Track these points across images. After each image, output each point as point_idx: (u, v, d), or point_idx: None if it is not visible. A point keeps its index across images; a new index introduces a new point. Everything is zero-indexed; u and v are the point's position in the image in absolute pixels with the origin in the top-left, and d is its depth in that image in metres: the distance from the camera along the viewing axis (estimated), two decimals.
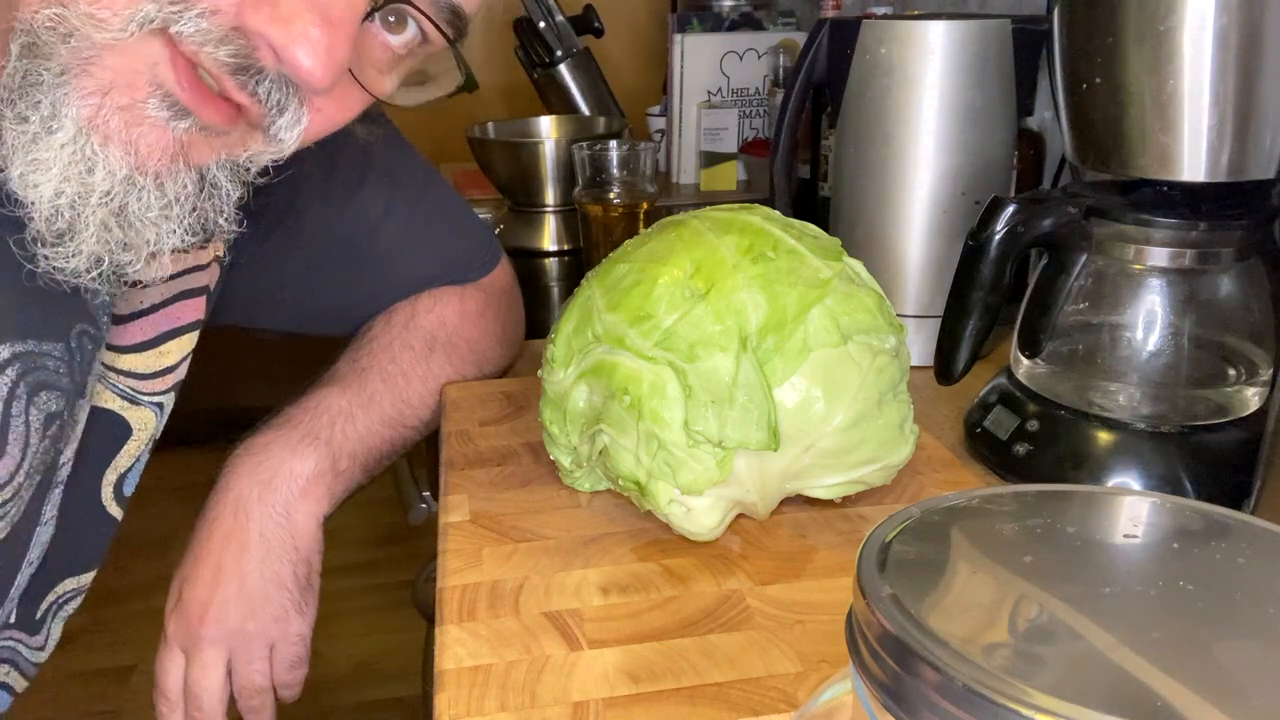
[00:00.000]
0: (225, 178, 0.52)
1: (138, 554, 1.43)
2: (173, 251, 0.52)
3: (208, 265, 0.68)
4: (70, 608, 0.69)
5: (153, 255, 0.51)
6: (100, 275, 0.51)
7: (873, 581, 0.24)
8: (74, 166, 0.47)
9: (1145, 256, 0.67)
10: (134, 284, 0.63)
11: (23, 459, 0.56)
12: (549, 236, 1.33)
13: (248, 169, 0.53)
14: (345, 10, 0.49)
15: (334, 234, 0.78)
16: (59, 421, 0.58)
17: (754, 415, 0.56)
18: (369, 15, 0.51)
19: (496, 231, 1.33)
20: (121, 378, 0.64)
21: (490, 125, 1.41)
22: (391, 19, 0.53)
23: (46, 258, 0.50)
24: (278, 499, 0.67)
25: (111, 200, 0.48)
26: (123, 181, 0.48)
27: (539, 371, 0.64)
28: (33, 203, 0.48)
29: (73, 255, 0.49)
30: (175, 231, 0.51)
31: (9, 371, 0.54)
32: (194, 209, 0.51)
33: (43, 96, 0.46)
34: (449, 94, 0.58)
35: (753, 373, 0.56)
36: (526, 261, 1.29)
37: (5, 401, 0.54)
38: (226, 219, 0.53)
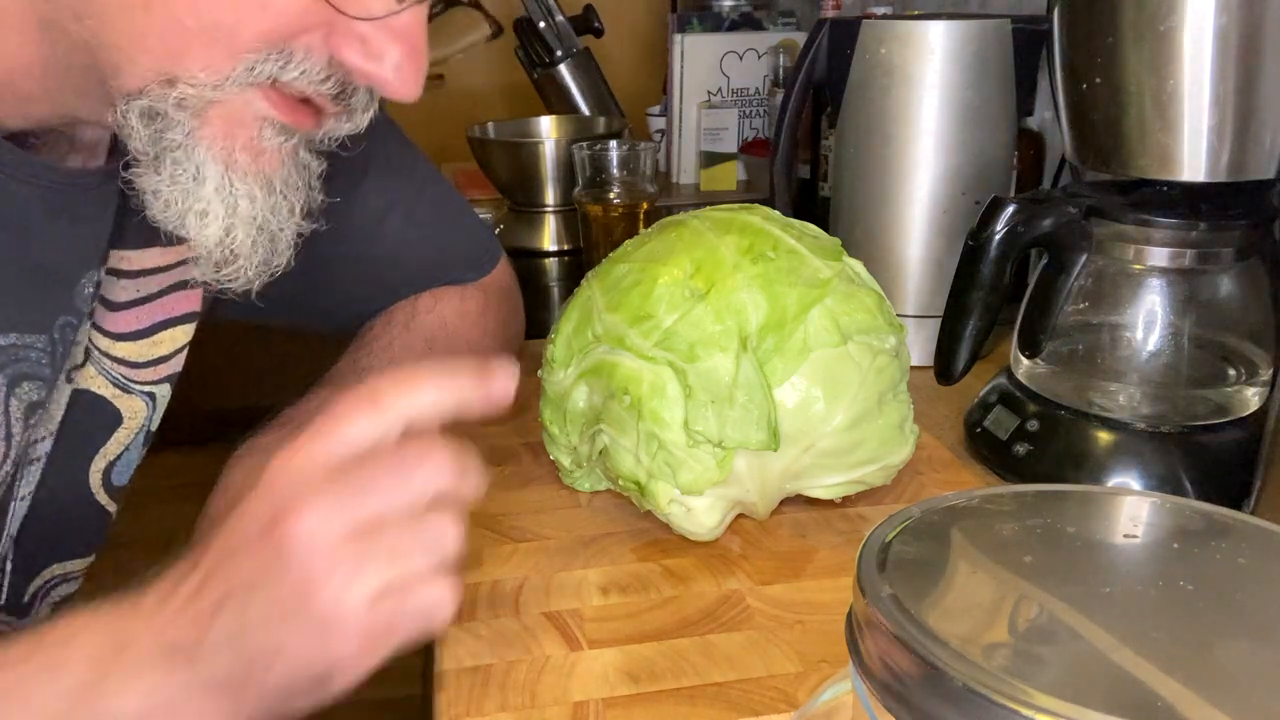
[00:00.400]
0: (311, 157, 0.58)
1: (138, 553, 1.44)
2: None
3: None
4: (59, 593, 0.70)
5: (288, 249, 0.58)
6: (260, 280, 0.58)
7: (873, 581, 0.24)
8: (227, 206, 0.54)
9: (1145, 256, 0.67)
10: (133, 274, 0.64)
11: (9, 449, 0.56)
12: (549, 236, 1.33)
13: (325, 143, 0.58)
14: (420, 29, 0.53)
15: (334, 231, 0.78)
16: (40, 410, 0.59)
17: (754, 415, 0.56)
18: (431, 18, 0.55)
19: (496, 231, 1.33)
20: (115, 364, 0.65)
21: (490, 125, 1.40)
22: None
23: (212, 277, 0.57)
24: None
25: (254, 221, 0.55)
26: (260, 203, 0.55)
27: (539, 371, 0.64)
28: (201, 243, 0.55)
29: (239, 274, 0.57)
30: (296, 221, 0.58)
31: None
32: (299, 194, 0.58)
33: (182, 156, 0.52)
34: (484, 40, 0.64)
35: (753, 373, 0.56)
36: (526, 261, 1.29)
37: None
38: (314, 190, 0.59)
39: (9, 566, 0.64)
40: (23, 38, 0.51)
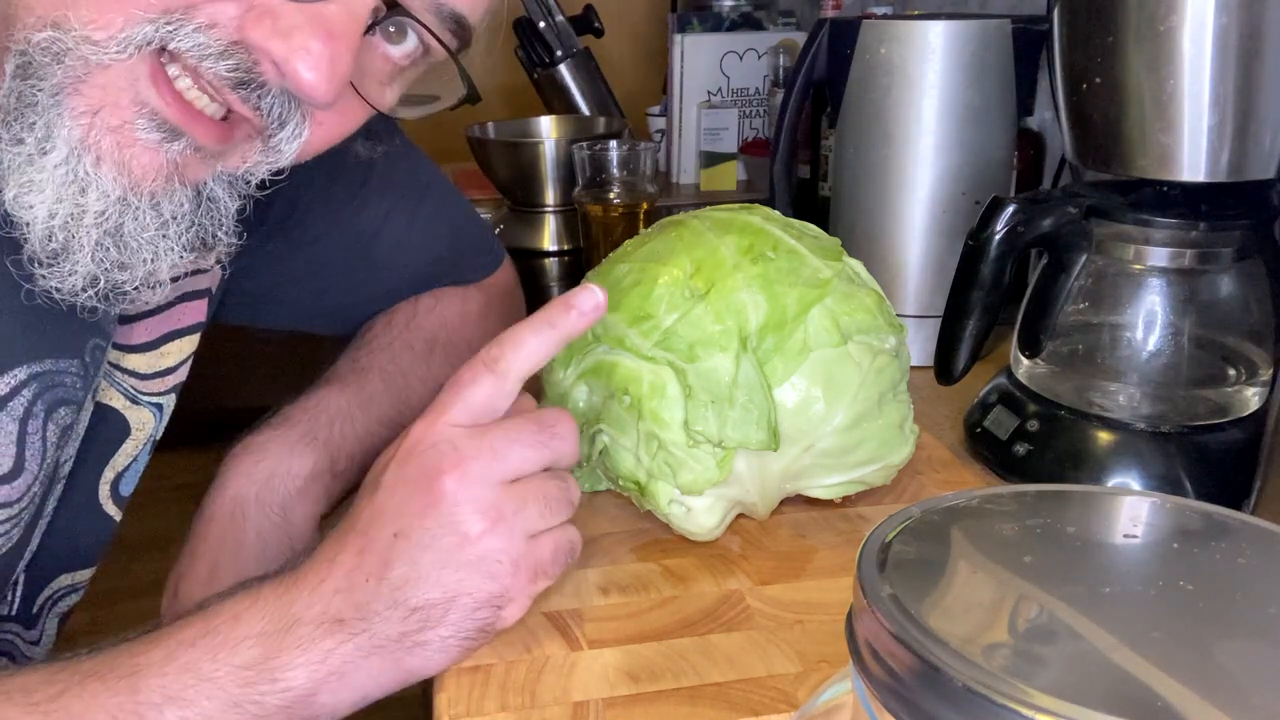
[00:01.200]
0: (223, 192, 0.52)
1: (138, 554, 1.44)
2: (171, 274, 0.53)
3: (210, 269, 0.68)
4: (65, 604, 0.70)
5: (150, 274, 0.52)
6: (97, 294, 0.51)
7: (873, 581, 0.24)
8: (67, 187, 0.47)
9: (1145, 256, 0.67)
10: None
11: (39, 472, 0.56)
12: (549, 236, 1.33)
13: (247, 181, 0.53)
14: (347, 23, 0.48)
15: (336, 235, 0.78)
16: (70, 431, 0.59)
17: (754, 415, 0.56)
18: (370, 28, 0.50)
19: (496, 231, 1.33)
20: (126, 377, 0.65)
21: (490, 125, 1.40)
22: (392, 29, 0.53)
23: (44, 277, 0.50)
24: (275, 499, 0.67)
25: (106, 220, 0.48)
26: (116, 202, 0.48)
27: (539, 371, 0.64)
28: (27, 224, 0.48)
29: (68, 275, 0.50)
30: (173, 249, 0.51)
31: (25, 392, 0.54)
32: (191, 225, 0.52)
33: (37, 118, 0.46)
34: (451, 106, 0.58)
35: (753, 373, 0.56)
36: (526, 261, 1.29)
37: (21, 421, 0.54)
38: (225, 231, 0.53)
39: (22, 579, 0.64)
40: None
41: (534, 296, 0.96)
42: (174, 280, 0.65)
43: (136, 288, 0.52)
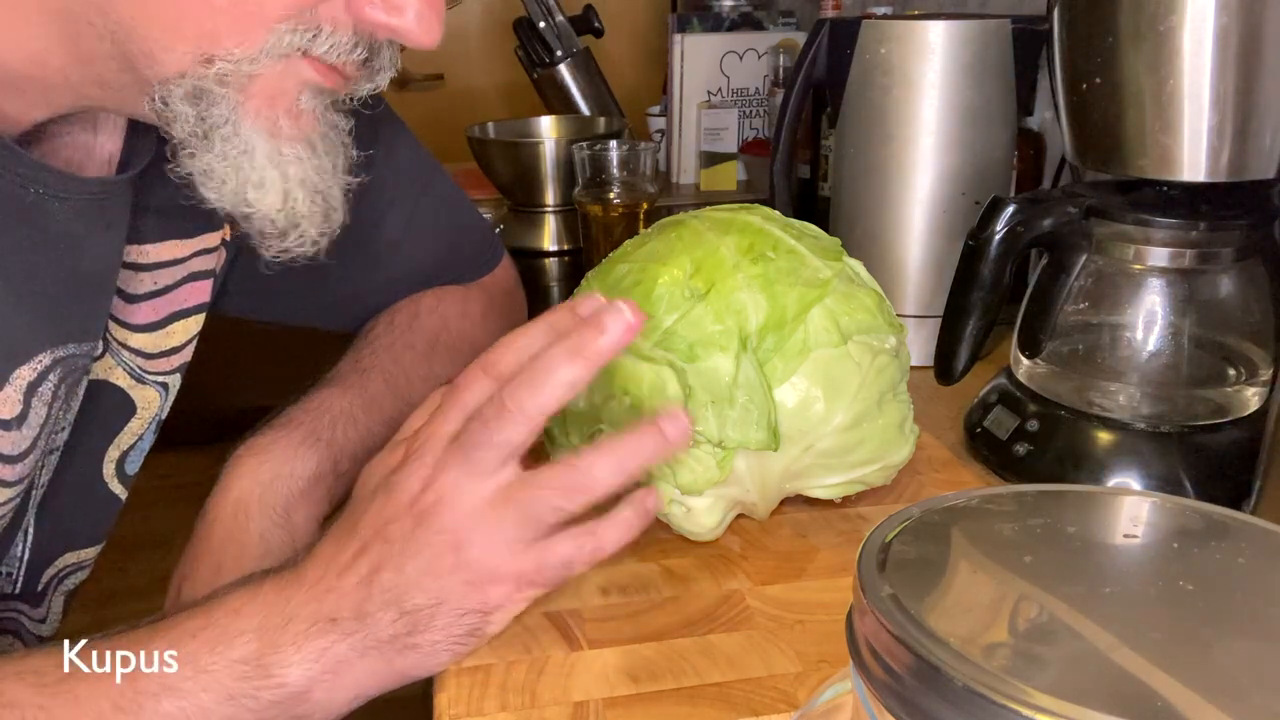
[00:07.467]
0: (339, 117, 0.59)
1: (138, 554, 1.44)
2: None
3: (215, 249, 0.69)
4: (71, 582, 0.70)
5: (336, 209, 0.59)
6: (319, 249, 0.59)
7: (873, 581, 0.24)
8: (281, 173, 0.55)
9: (1145, 256, 0.67)
10: (150, 267, 0.65)
11: (45, 446, 0.58)
12: (549, 236, 1.33)
13: (352, 100, 0.59)
14: None
15: None
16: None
17: (754, 415, 0.56)
18: None
19: (496, 231, 1.33)
20: (132, 356, 0.66)
21: (490, 125, 1.40)
22: None
23: (269, 246, 0.58)
24: (278, 501, 0.67)
25: (306, 183, 0.56)
26: (308, 165, 0.56)
27: None
28: (260, 213, 0.56)
29: (304, 240, 0.58)
30: (339, 179, 0.59)
31: (51, 377, 0.56)
32: (340, 150, 0.59)
33: (230, 131, 0.53)
34: None
35: (753, 373, 0.56)
36: (526, 261, 1.29)
37: (49, 405, 0.56)
38: (349, 147, 0.60)
39: (26, 555, 0.65)
40: (37, 30, 0.51)
41: (534, 296, 0.96)
42: (183, 261, 0.66)
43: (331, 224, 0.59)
